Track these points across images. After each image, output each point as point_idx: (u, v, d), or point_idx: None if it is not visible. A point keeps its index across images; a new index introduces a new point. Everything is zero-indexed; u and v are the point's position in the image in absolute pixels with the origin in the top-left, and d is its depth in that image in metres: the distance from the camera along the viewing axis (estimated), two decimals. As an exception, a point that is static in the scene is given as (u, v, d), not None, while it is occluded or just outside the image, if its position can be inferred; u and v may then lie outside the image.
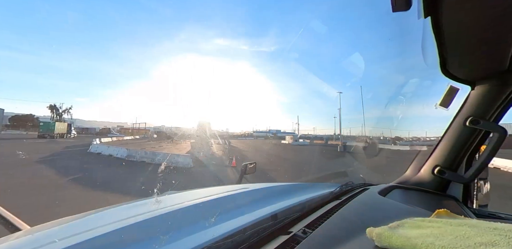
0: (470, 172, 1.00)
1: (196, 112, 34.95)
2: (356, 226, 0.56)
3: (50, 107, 43.62)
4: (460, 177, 1.03)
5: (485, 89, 0.98)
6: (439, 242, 0.39)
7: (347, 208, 0.73)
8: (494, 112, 0.97)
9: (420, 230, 0.46)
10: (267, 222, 0.65)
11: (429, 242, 0.39)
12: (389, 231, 0.45)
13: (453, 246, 0.37)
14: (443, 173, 1.06)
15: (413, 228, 0.48)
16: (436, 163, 1.09)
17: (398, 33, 6.73)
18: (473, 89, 1.02)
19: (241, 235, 0.56)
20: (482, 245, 0.37)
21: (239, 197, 0.92)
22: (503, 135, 0.94)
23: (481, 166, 0.98)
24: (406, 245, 0.40)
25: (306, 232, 0.56)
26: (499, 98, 0.95)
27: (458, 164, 1.06)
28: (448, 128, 1.10)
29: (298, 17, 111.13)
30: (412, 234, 0.44)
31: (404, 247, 0.40)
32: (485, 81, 0.97)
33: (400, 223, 0.50)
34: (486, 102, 0.98)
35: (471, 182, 1.04)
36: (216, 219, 0.69)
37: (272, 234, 0.58)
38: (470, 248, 0.36)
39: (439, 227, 0.47)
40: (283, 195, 1.00)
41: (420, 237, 0.42)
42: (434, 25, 0.65)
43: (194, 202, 0.78)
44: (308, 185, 1.14)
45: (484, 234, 0.41)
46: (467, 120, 1.00)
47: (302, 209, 0.77)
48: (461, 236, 0.41)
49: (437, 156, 1.10)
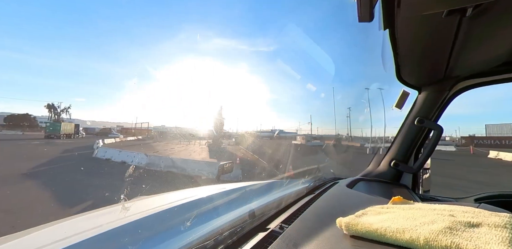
0: (417, 163, 1.18)
1: (197, 112, 32.69)
2: (328, 217, 0.60)
3: (48, 106, 41.85)
4: (410, 168, 1.21)
5: (428, 93, 1.17)
6: (394, 225, 0.45)
7: (320, 201, 0.78)
8: (434, 113, 1.17)
9: (380, 216, 0.52)
10: (245, 221, 0.65)
11: (386, 226, 0.45)
12: (355, 219, 0.50)
13: (404, 227, 0.43)
14: (397, 165, 1.23)
15: (375, 214, 0.54)
16: (392, 157, 1.26)
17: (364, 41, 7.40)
18: (420, 93, 1.20)
19: (219, 236, 0.55)
20: (425, 224, 0.44)
21: (216, 197, 0.90)
22: (440, 132, 1.14)
23: (425, 158, 1.17)
24: (369, 231, 0.46)
25: (282, 227, 0.58)
26: (438, 102, 1.14)
27: (409, 157, 1.24)
28: (401, 126, 1.27)
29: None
30: (374, 220, 0.49)
31: (368, 232, 0.46)
32: (428, 87, 1.16)
33: (364, 212, 0.56)
34: (429, 104, 1.17)
35: (417, 171, 1.23)
36: (192, 222, 0.66)
37: (251, 232, 0.59)
38: (417, 227, 0.42)
39: (394, 212, 0.54)
40: (260, 193, 1.02)
41: (380, 222, 0.47)
42: (391, 37, 0.75)
43: (168, 206, 0.74)
44: (285, 182, 1.18)
45: (426, 215, 0.49)
46: (415, 120, 1.18)
47: (279, 205, 0.79)
48: (410, 218, 0.48)
49: (393, 151, 1.27)
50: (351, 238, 0.48)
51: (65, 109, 43.48)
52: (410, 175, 1.25)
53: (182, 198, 0.83)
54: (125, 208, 0.71)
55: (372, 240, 0.45)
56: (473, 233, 0.39)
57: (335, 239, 0.48)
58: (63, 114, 43.39)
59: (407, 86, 1.18)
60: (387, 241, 0.43)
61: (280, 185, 1.16)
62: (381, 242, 0.44)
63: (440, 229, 0.40)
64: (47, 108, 42.60)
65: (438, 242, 0.37)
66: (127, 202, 0.82)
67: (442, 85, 1.12)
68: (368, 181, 1.21)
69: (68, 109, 43.68)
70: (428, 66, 0.98)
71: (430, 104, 1.16)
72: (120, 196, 0.76)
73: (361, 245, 0.45)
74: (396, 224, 0.45)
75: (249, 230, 0.60)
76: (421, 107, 1.18)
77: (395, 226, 0.44)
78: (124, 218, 0.63)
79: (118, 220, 0.61)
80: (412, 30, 0.71)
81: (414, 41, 0.79)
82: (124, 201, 0.81)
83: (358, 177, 1.26)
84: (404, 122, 1.26)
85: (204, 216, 0.73)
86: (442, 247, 0.36)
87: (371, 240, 0.45)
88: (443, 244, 0.37)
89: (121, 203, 0.76)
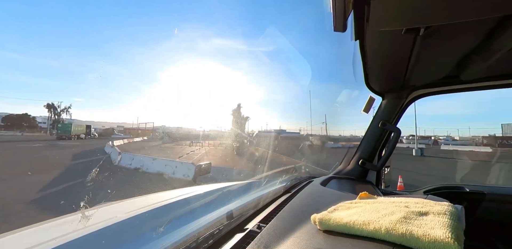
0: (380, 162, 1.33)
1: (199, 112, 30.51)
2: (303, 214, 0.63)
3: (48, 106, 40.26)
4: (374, 166, 1.35)
5: (390, 100, 1.32)
6: (361, 218, 0.49)
7: (296, 200, 0.81)
8: (394, 117, 1.32)
9: (349, 210, 0.57)
10: (222, 223, 0.64)
11: (354, 219, 0.49)
12: (328, 215, 0.54)
13: (369, 220, 0.48)
14: (364, 163, 1.35)
15: (345, 209, 0.59)
16: (360, 156, 1.38)
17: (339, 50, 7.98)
18: (383, 99, 1.35)
19: (195, 240, 0.53)
20: (386, 215, 0.49)
21: (192, 200, 0.87)
22: (399, 134, 1.30)
23: (387, 157, 1.32)
24: (340, 225, 0.49)
25: (260, 227, 0.58)
26: (398, 107, 1.30)
27: (373, 156, 1.38)
28: (368, 128, 1.41)
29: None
30: (344, 215, 0.54)
31: (338, 226, 0.49)
32: (390, 94, 1.31)
33: (335, 207, 0.61)
34: (390, 109, 1.32)
35: (380, 169, 1.38)
36: (165, 228, 0.62)
37: (228, 234, 0.58)
38: (379, 219, 0.47)
39: (361, 206, 0.59)
40: (239, 194, 1.01)
41: (349, 216, 0.52)
42: (360, 47, 0.82)
43: (137, 212, 0.68)
44: (263, 182, 1.19)
45: (387, 207, 0.55)
46: (379, 123, 1.32)
47: (256, 205, 0.80)
48: (374, 211, 0.54)
49: (360, 150, 1.40)
50: (324, 233, 0.51)
51: (65, 109, 42.16)
52: (374, 173, 1.39)
53: (154, 203, 0.78)
54: (84, 217, 0.62)
55: (343, 233, 0.49)
56: (422, 221, 0.45)
57: (310, 235, 0.51)
58: (64, 114, 41.80)
59: (373, 92, 1.31)
60: (355, 233, 0.47)
61: (259, 185, 1.17)
62: (350, 235, 0.48)
63: (397, 219, 0.46)
64: (46, 108, 40.94)
65: (396, 230, 0.42)
66: (87, 210, 0.72)
67: (400, 93, 1.28)
68: (339, 179, 1.30)
69: (69, 109, 42.48)
70: (390, 75, 1.11)
71: (391, 110, 1.31)
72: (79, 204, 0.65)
73: (332, 239, 0.48)
74: (363, 217, 0.50)
75: (227, 232, 0.59)
76: (384, 112, 1.33)
77: (362, 219, 0.48)
78: (82, 229, 0.55)
79: (75, 231, 0.54)
80: (378, 43, 0.80)
81: (379, 53, 0.88)
82: (85, 209, 0.71)
83: (330, 175, 1.34)
84: (370, 125, 1.39)
85: (179, 220, 0.70)
86: (399, 234, 0.42)
87: (342, 234, 0.49)
88: (400, 232, 0.42)
89: (80, 211, 0.66)
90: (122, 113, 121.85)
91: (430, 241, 0.38)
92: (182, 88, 68.23)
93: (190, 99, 37.12)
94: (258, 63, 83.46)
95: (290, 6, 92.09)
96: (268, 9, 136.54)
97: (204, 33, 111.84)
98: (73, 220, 0.65)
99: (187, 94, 68.28)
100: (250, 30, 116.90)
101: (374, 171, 1.38)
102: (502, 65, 0.97)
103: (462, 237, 0.41)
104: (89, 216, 0.63)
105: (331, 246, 0.44)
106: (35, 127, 40.80)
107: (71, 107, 42.71)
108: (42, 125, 42.20)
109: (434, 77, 1.14)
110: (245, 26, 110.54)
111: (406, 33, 0.69)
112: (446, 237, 0.38)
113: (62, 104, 41.30)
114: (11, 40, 72.39)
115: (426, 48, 0.80)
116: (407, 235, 0.41)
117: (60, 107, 41.12)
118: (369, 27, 0.65)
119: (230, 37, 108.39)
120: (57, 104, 40.96)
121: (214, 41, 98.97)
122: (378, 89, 1.29)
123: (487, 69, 1.01)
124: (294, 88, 15.92)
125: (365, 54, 0.88)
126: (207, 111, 21.72)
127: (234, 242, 0.52)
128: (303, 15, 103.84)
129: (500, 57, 0.85)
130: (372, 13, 0.55)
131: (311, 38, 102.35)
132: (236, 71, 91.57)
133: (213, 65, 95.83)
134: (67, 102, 63.23)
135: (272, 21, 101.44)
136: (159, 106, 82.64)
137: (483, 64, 0.91)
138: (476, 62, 0.90)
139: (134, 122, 46.07)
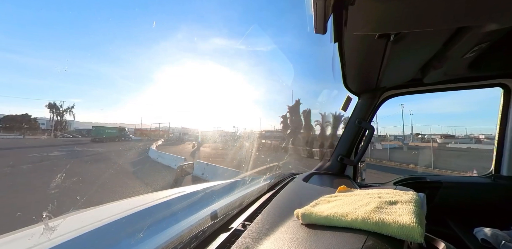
0: (357, 157, 1.43)
1: (202, 112, 28.88)
2: (287, 210, 0.64)
3: (50, 106, 37.76)
4: (351, 161, 1.44)
5: (365, 100, 1.42)
6: (340, 210, 0.53)
7: (280, 196, 0.83)
8: (368, 116, 1.43)
9: (329, 204, 0.60)
10: (207, 223, 0.63)
11: (334, 212, 0.52)
12: (309, 209, 0.56)
13: (347, 211, 0.51)
14: (343, 159, 1.44)
15: (325, 203, 0.62)
16: (339, 153, 1.47)
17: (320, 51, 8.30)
18: (359, 99, 1.44)
19: (177, 244, 0.51)
20: (362, 206, 0.53)
21: (175, 202, 0.84)
22: (372, 131, 1.41)
23: (362, 152, 1.42)
24: (321, 218, 0.52)
25: (245, 225, 0.59)
26: (371, 107, 1.41)
27: (351, 152, 1.48)
28: (345, 126, 1.50)
29: None
30: (325, 208, 0.56)
31: (320, 219, 0.52)
32: (365, 94, 1.41)
33: (317, 202, 0.63)
34: (365, 108, 1.42)
35: (356, 164, 1.48)
36: (145, 233, 0.59)
37: (213, 234, 0.57)
38: (356, 210, 0.51)
39: (340, 199, 0.63)
40: (223, 193, 1.00)
41: (329, 209, 0.55)
42: (339, 49, 0.87)
43: (113, 219, 0.63)
44: (247, 180, 1.20)
45: (362, 199, 0.59)
46: (355, 121, 1.41)
47: (241, 204, 0.80)
48: (352, 203, 0.58)
49: (339, 147, 1.48)
50: (307, 226, 0.53)
51: (68, 109, 39.62)
52: (351, 167, 1.49)
53: (132, 207, 0.73)
54: (48, 228, 0.55)
55: (324, 225, 0.51)
56: (392, 209, 0.50)
57: (293, 229, 0.52)
58: (66, 114, 38.49)
59: (351, 92, 1.40)
60: (335, 224, 0.50)
61: (243, 184, 1.17)
62: (331, 226, 0.51)
63: (371, 209, 0.50)
64: (48, 108, 37.92)
65: (370, 219, 0.46)
66: (52, 220, 0.64)
67: (374, 93, 1.38)
68: (320, 174, 1.37)
69: (72, 109, 39.51)
70: (364, 77, 1.20)
71: (366, 109, 1.41)
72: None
73: (314, 232, 0.50)
74: (341, 210, 0.53)
75: (211, 233, 0.58)
76: (360, 111, 1.43)
77: (341, 211, 0.52)
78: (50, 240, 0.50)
79: (47, 242, 0.48)
80: (354, 46, 0.85)
81: (356, 55, 0.94)
82: (48, 219, 0.62)
83: (312, 171, 1.40)
84: (347, 123, 1.49)
85: (160, 224, 0.67)
86: (373, 223, 0.45)
87: (323, 226, 0.51)
88: (374, 220, 0.46)
89: (43, 222, 0.58)
90: (123, 113, 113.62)
91: (399, 227, 0.42)
92: (186, 88, 64.28)
93: (190, 100, 35.65)
94: (241, 61, 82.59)
95: (273, 8, 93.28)
96: (253, 11, 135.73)
97: (200, 34, 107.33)
98: (35, 232, 0.58)
99: (190, 93, 64.44)
100: (236, 30, 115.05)
101: (352, 165, 1.47)
102: (456, 71, 1.12)
103: (424, 222, 0.47)
104: (54, 227, 0.56)
105: (313, 238, 0.47)
106: (36, 129, 37.35)
107: (74, 107, 40.11)
108: (43, 127, 38.37)
109: (403, 79, 1.26)
110: (230, 26, 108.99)
111: (379, 38, 0.75)
112: (411, 222, 0.42)
113: (64, 104, 38.44)
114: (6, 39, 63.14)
115: (395, 53, 0.87)
116: (380, 223, 0.45)
117: (63, 107, 38.19)
118: (347, 31, 0.68)
119: (217, 36, 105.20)
120: (59, 104, 37.93)
121: (221, 42, 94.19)
122: (354, 89, 1.38)
123: (444, 74, 1.15)
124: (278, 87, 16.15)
125: (343, 56, 0.93)
126: (224, 111, 21.06)
127: (219, 243, 0.51)
128: (286, 17, 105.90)
129: (454, 63, 0.97)
130: (350, 17, 0.59)
131: (294, 39, 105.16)
132: (218, 69, 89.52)
133: (205, 66, 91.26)
134: (67, 103, 58.67)
135: (257, 21, 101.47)
136: (159, 107, 77.77)
137: (441, 69, 1.03)
138: (435, 67, 1.01)
139: (134, 123, 43.81)
